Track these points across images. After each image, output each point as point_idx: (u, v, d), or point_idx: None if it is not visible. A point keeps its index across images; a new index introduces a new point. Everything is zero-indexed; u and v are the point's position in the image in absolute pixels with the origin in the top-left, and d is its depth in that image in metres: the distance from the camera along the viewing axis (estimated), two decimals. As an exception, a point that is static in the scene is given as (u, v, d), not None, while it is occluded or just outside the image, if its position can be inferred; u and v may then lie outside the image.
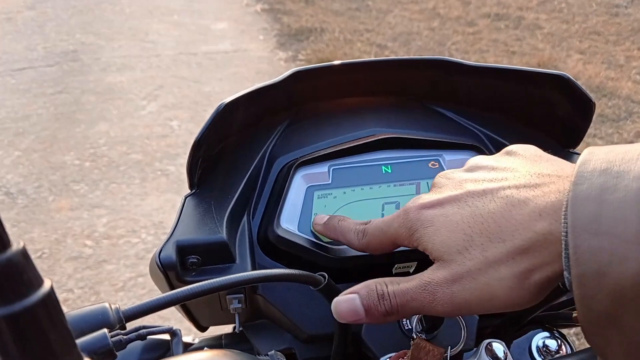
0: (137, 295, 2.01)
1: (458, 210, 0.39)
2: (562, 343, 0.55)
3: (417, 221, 0.40)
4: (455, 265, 0.37)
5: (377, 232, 0.44)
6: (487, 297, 0.36)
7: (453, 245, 0.37)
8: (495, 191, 0.38)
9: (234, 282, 0.38)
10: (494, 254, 0.36)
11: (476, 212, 0.38)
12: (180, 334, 0.40)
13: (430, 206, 0.40)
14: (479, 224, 0.37)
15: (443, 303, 0.37)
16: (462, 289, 0.37)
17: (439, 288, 0.37)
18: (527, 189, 0.37)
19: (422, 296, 0.38)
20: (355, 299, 0.41)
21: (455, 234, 0.38)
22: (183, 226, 0.51)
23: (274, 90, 0.57)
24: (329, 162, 0.56)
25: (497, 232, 0.36)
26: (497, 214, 0.36)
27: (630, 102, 3.36)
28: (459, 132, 0.63)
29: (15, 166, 2.74)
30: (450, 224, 0.38)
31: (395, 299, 0.39)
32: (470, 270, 0.36)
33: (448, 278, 0.37)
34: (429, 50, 4.20)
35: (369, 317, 0.40)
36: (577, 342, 1.76)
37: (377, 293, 0.40)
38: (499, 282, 0.35)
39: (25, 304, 0.22)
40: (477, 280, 0.36)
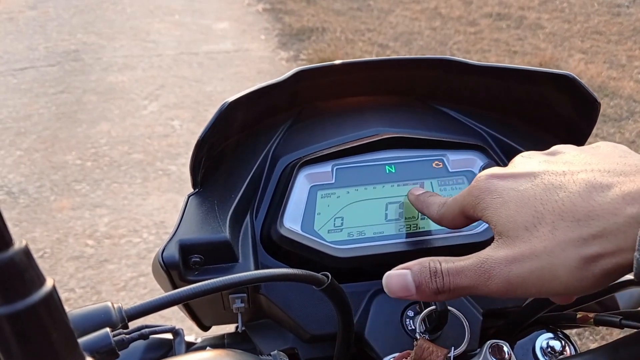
0: (139, 295, 2.01)
1: (532, 186, 0.37)
2: (566, 344, 0.55)
3: (486, 190, 0.39)
4: (519, 243, 0.36)
5: (452, 203, 0.44)
6: (547, 277, 0.34)
7: (521, 221, 0.36)
8: (576, 173, 0.36)
9: (237, 281, 0.38)
10: (564, 233, 0.34)
11: (552, 190, 0.36)
12: (183, 334, 0.40)
13: (502, 177, 0.39)
14: (552, 202, 0.35)
15: (498, 282, 0.36)
16: (521, 267, 0.35)
17: (496, 266, 0.36)
18: (612, 175, 0.35)
19: (477, 274, 0.36)
20: (407, 274, 0.40)
21: (525, 209, 0.36)
22: (186, 225, 0.51)
23: (277, 89, 0.56)
24: (333, 162, 0.56)
25: (572, 212, 0.34)
26: (576, 194, 0.35)
27: (632, 102, 3.36)
28: (463, 131, 0.62)
29: (17, 166, 2.74)
30: (520, 198, 0.37)
31: (448, 277, 0.38)
32: (535, 248, 0.35)
33: (509, 256, 0.36)
34: (430, 49, 4.20)
35: (419, 294, 0.39)
36: (579, 342, 1.76)
37: (429, 270, 0.39)
38: (564, 263, 0.34)
39: (27, 302, 0.22)
40: (540, 259, 0.34)
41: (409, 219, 0.55)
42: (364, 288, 0.54)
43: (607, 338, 1.79)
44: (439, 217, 0.46)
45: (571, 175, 0.36)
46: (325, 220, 0.54)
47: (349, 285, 0.53)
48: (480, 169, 0.58)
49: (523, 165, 0.40)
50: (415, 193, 0.52)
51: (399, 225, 0.55)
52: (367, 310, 0.52)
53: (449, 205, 0.45)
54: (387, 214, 0.55)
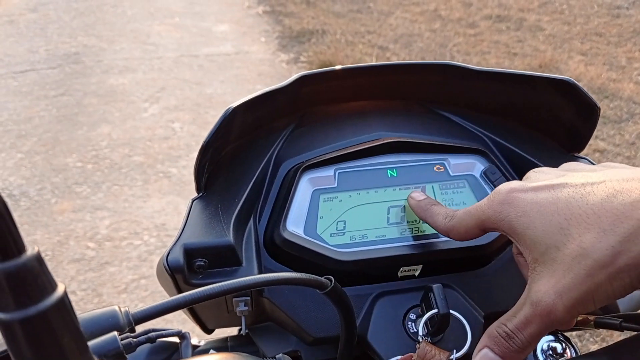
0: (140, 298, 2.01)
1: (552, 200, 0.38)
2: (567, 346, 0.56)
3: (508, 205, 0.39)
4: (558, 267, 0.36)
5: (465, 215, 0.44)
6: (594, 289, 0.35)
7: (550, 242, 0.37)
8: (596, 184, 0.37)
9: (241, 285, 0.38)
10: (592, 245, 0.35)
11: (573, 203, 0.37)
12: (190, 337, 0.40)
13: (523, 190, 0.40)
14: (576, 216, 0.36)
15: (561, 314, 0.36)
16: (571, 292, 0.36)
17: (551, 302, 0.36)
18: (629, 182, 0.36)
19: (542, 318, 0.37)
20: (487, 353, 0.40)
21: (551, 226, 0.37)
22: (190, 229, 0.51)
23: (280, 94, 0.57)
24: (335, 166, 0.56)
25: (597, 222, 0.35)
26: (597, 204, 0.35)
27: (632, 104, 3.36)
28: (464, 136, 0.63)
29: (18, 168, 2.75)
30: (544, 215, 0.37)
31: (520, 333, 0.38)
32: (574, 271, 0.35)
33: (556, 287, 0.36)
34: (430, 51, 4.21)
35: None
36: (579, 344, 1.76)
37: (502, 336, 0.39)
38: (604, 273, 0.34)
39: (39, 308, 0.22)
40: (583, 279, 0.35)
41: (410, 223, 0.56)
42: (366, 291, 0.54)
43: (608, 340, 1.80)
44: (447, 229, 0.47)
45: (590, 186, 0.37)
46: (327, 223, 0.54)
47: (352, 289, 0.53)
48: (481, 173, 0.58)
49: (540, 179, 0.41)
50: (417, 198, 0.53)
51: (401, 229, 0.55)
52: (370, 313, 0.53)
53: (461, 218, 0.45)
54: (389, 217, 0.56)
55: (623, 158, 2.81)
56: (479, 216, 0.42)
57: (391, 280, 0.55)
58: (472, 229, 0.44)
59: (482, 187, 0.58)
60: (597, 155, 2.83)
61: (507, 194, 0.40)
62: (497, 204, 0.40)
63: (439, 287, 0.49)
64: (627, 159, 2.81)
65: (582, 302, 0.36)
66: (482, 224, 0.42)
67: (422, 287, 0.52)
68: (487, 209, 0.41)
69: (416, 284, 0.55)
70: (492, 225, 0.41)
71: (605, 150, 2.87)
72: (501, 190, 0.41)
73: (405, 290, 0.55)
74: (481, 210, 0.42)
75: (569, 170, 0.42)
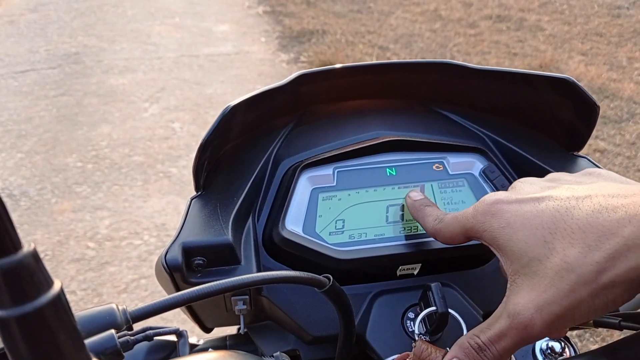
0: (140, 297, 2.01)
1: (537, 213, 0.37)
2: (566, 345, 0.55)
3: (492, 216, 0.39)
4: (539, 280, 0.36)
5: (452, 221, 0.44)
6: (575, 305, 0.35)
7: (533, 255, 0.36)
8: (581, 199, 0.37)
9: (240, 283, 0.38)
10: (577, 260, 0.34)
11: (558, 217, 0.36)
12: (187, 335, 0.40)
13: (507, 202, 0.39)
14: (561, 230, 0.36)
15: (539, 328, 0.36)
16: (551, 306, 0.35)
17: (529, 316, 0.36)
18: (615, 199, 0.36)
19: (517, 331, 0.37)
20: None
21: (535, 239, 0.36)
22: (189, 228, 0.51)
23: (279, 93, 0.57)
24: (334, 165, 0.56)
25: (582, 238, 0.35)
26: (583, 219, 0.35)
27: (632, 104, 3.36)
28: (463, 134, 0.63)
29: (18, 168, 2.75)
30: (528, 228, 0.37)
31: (493, 346, 0.38)
32: (556, 285, 0.35)
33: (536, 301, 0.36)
34: (430, 51, 4.21)
35: None
36: (579, 344, 1.76)
37: (473, 348, 0.39)
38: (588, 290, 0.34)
39: (35, 305, 0.22)
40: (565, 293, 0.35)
41: (409, 221, 0.56)
42: (365, 290, 0.54)
43: (608, 340, 1.80)
44: (434, 232, 0.47)
45: (575, 200, 0.37)
46: (326, 222, 0.54)
47: (350, 287, 0.53)
48: (480, 172, 0.58)
49: (526, 191, 0.40)
50: (413, 198, 0.53)
51: (400, 228, 0.55)
52: (369, 312, 0.53)
53: (448, 223, 0.45)
54: (388, 216, 0.55)
55: (623, 158, 2.81)
56: (464, 224, 0.42)
57: (390, 279, 0.55)
58: (456, 236, 0.44)
59: (482, 185, 0.58)
60: (597, 155, 2.83)
61: (491, 204, 0.40)
62: (480, 214, 0.40)
63: (438, 285, 0.49)
64: (628, 158, 2.81)
65: (561, 318, 0.35)
66: (466, 232, 0.42)
67: (420, 286, 0.52)
68: (471, 217, 0.41)
69: (415, 283, 0.55)
70: (475, 234, 0.41)
71: (606, 150, 2.87)
72: (486, 201, 0.41)
73: (404, 289, 0.55)
74: (466, 218, 0.42)
75: (555, 181, 0.42)
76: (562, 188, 0.39)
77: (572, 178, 0.42)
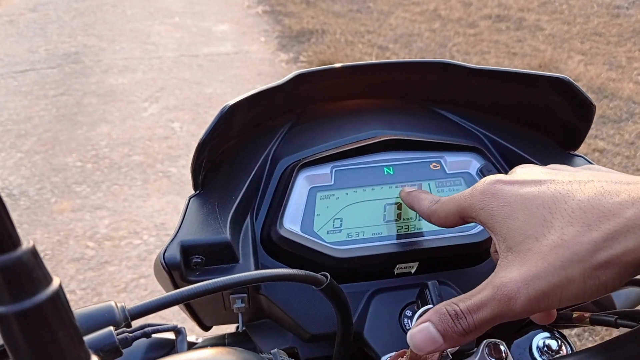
0: (140, 297, 2.01)
1: (539, 194, 0.37)
2: (563, 343, 0.56)
3: (492, 196, 0.39)
4: (531, 256, 0.35)
5: (448, 201, 0.44)
6: (565, 283, 0.34)
7: (530, 232, 0.36)
8: (584, 182, 0.37)
9: (238, 281, 0.39)
10: (575, 239, 0.34)
11: (559, 197, 0.36)
12: (185, 332, 0.40)
13: (509, 183, 0.39)
14: (561, 210, 0.35)
15: (522, 303, 0.35)
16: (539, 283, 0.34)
17: (515, 288, 0.35)
18: (618, 184, 0.36)
19: (499, 303, 0.35)
20: (428, 326, 0.38)
21: (533, 218, 0.36)
22: (187, 226, 0.51)
23: (277, 92, 0.57)
24: (332, 164, 0.56)
25: (581, 218, 0.34)
26: (585, 201, 0.35)
27: (631, 103, 3.36)
28: (460, 134, 0.63)
29: (18, 168, 2.75)
30: (528, 207, 0.37)
31: (470, 315, 0.36)
32: (548, 260, 0.34)
33: (525, 275, 0.35)
34: (430, 51, 4.21)
35: (447, 342, 0.37)
36: (578, 343, 1.76)
37: (449, 314, 0.37)
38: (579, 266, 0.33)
39: (34, 301, 0.22)
40: (555, 267, 0.34)
41: (406, 220, 0.56)
42: (362, 288, 0.55)
43: (606, 339, 1.80)
44: (429, 213, 0.46)
45: (578, 184, 0.37)
46: (324, 221, 0.55)
47: (348, 286, 0.54)
48: (478, 171, 0.58)
49: (527, 174, 0.40)
50: (407, 190, 0.53)
51: (397, 226, 0.56)
52: (366, 310, 0.53)
53: (444, 203, 0.44)
54: (386, 215, 0.56)
55: (623, 158, 2.81)
56: (460, 203, 0.42)
57: (387, 277, 0.56)
58: (451, 215, 0.43)
59: (479, 184, 0.58)
60: (596, 155, 2.83)
61: (492, 184, 0.40)
62: (479, 193, 0.40)
63: (435, 283, 0.49)
64: (627, 158, 2.81)
65: (547, 296, 0.35)
66: (462, 211, 0.42)
67: (418, 284, 0.52)
68: (469, 196, 0.41)
69: (412, 281, 0.55)
70: (472, 213, 0.41)
71: (605, 150, 2.87)
72: (486, 180, 0.40)
73: (402, 287, 0.55)
74: (464, 197, 0.42)
75: (554, 169, 0.42)
76: (564, 173, 0.39)
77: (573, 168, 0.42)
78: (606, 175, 0.38)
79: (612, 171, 0.41)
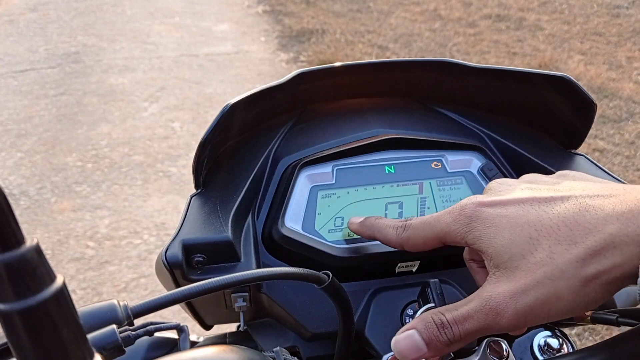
0: (140, 297, 2.01)
1: (523, 213, 0.37)
2: (564, 342, 0.56)
3: (477, 219, 0.39)
4: (519, 273, 0.36)
5: (422, 226, 0.42)
6: (553, 302, 0.34)
7: (517, 250, 0.36)
8: (565, 198, 0.37)
9: (239, 280, 0.39)
10: (562, 256, 0.34)
11: (544, 215, 0.36)
12: (188, 331, 0.40)
13: (491, 205, 0.39)
14: (547, 228, 0.36)
15: (508, 317, 0.35)
16: (527, 298, 0.35)
17: (502, 301, 0.35)
18: (600, 198, 0.36)
19: (485, 315, 0.36)
20: (413, 334, 0.38)
21: (520, 237, 0.36)
22: (189, 225, 0.51)
23: (279, 91, 0.57)
24: (333, 162, 0.56)
25: (568, 235, 0.35)
26: (569, 217, 0.35)
27: (631, 103, 3.36)
28: (461, 132, 0.63)
29: (18, 167, 2.75)
30: (514, 226, 0.37)
31: (456, 326, 0.37)
32: (536, 276, 0.35)
33: (512, 289, 0.35)
34: (430, 51, 4.21)
35: (431, 350, 0.38)
36: (578, 343, 1.76)
37: (435, 324, 0.38)
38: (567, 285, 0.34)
39: (38, 298, 0.22)
40: (543, 286, 0.34)
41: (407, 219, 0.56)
42: (364, 287, 0.55)
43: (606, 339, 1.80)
44: (401, 241, 0.44)
45: (560, 200, 0.37)
46: (325, 220, 0.55)
47: (350, 284, 0.54)
48: (479, 170, 0.59)
49: (507, 193, 0.40)
50: (357, 221, 0.50)
51: (399, 225, 0.56)
52: (368, 308, 0.53)
53: (416, 228, 0.43)
54: (387, 213, 0.56)
55: (623, 157, 2.81)
56: (442, 229, 0.41)
57: (389, 276, 0.56)
58: (430, 241, 0.42)
59: (480, 183, 0.58)
60: (596, 155, 2.83)
61: (474, 208, 0.39)
62: (464, 218, 0.39)
63: (436, 282, 0.49)
64: (627, 158, 2.81)
65: (534, 311, 0.35)
66: (443, 237, 0.41)
67: (419, 283, 0.52)
68: (451, 223, 0.40)
69: (414, 280, 0.55)
70: (456, 238, 0.40)
71: (605, 150, 2.87)
72: (467, 205, 0.40)
73: (403, 286, 0.55)
74: (445, 223, 0.41)
75: (532, 182, 0.42)
76: (543, 189, 0.39)
77: (549, 179, 0.42)
78: (585, 186, 0.38)
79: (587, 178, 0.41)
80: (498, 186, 0.42)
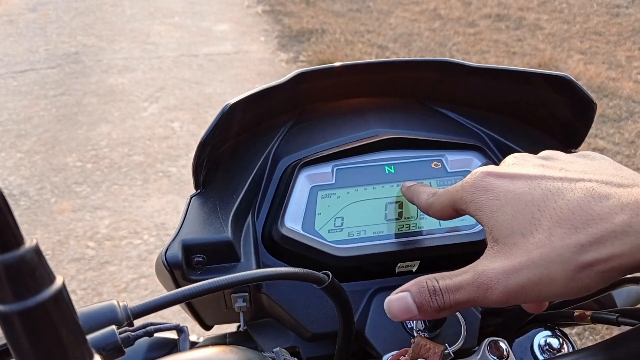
0: (140, 297, 2.01)
1: (529, 190, 0.37)
2: (564, 342, 0.56)
3: (482, 188, 0.39)
4: (516, 251, 0.36)
5: (444, 193, 0.44)
6: (546, 284, 0.35)
7: (517, 228, 0.36)
8: (575, 181, 0.37)
9: (239, 280, 0.39)
10: (561, 240, 0.34)
11: (549, 196, 0.36)
12: (187, 331, 0.40)
13: (499, 176, 0.39)
14: (550, 209, 0.36)
15: (497, 293, 0.36)
16: (519, 276, 0.35)
17: (494, 277, 0.36)
18: (610, 186, 0.36)
19: (476, 288, 0.37)
20: (406, 296, 0.39)
21: (522, 214, 0.36)
22: (189, 225, 0.51)
23: (278, 91, 0.57)
24: (333, 162, 0.56)
25: (570, 219, 0.35)
26: (574, 202, 0.35)
27: (631, 102, 3.36)
28: (461, 132, 0.63)
29: (18, 168, 2.75)
30: (517, 203, 0.37)
31: (447, 294, 0.38)
32: (532, 256, 0.35)
33: (507, 267, 0.36)
34: (429, 51, 4.21)
35: (421, 314, 0.39)
36: (578, 342, 1.76)
37: (428, 289, 0.39)
38: (562, 269, 0.34)
39: (37, 299, 0.22)
40: (538, 266, 0.35)
41: (407, 219, 0.56)
42: (364, 287, 0.55)
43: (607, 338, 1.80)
44: (426, 206, 0.47)
45: (569, 182, 0.37)
46: (325, 220, 0.55)
47: (350, 284, 0.54)
48: (479, 169, 0.58)
49: (518, 167, 0.40)
50: (408, 184, 0.53)
51: (399, 225, 0.56)
52: (368, 308, 0.53)
53: (440, 195, 0.45)
54: (387, 213, 0.56)
55: (622, 157, 2.81)
56: (453, 196, 0.42)
57: (389, 276, 0.56)
58: (446, 208, 0.44)
59: (480, 183, 0.58)
60: (596, 154, 2.82)
61: (482, 177, 0.40)
62: (470, 186, 0.40)
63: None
64: (627, 157, 2.82)
65: (525, 291, 0.35)
66: (454, 204, 0.42)
67: (419, 283, 0.52)
68: (460, 189, 0.41)
69: None
70: (462, 205, 0.41)
71: (605, 149, 2.87)
72: (477, 173, 0.41)
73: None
74: (456, 190, 0.42)
75: (549, 159, 0.42)
76: (555, 168, 0.39)
77: (566, 157, 0.42)
78: (599, 170, 0.38)
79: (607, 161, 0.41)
80: (513, 159, 0.42)
